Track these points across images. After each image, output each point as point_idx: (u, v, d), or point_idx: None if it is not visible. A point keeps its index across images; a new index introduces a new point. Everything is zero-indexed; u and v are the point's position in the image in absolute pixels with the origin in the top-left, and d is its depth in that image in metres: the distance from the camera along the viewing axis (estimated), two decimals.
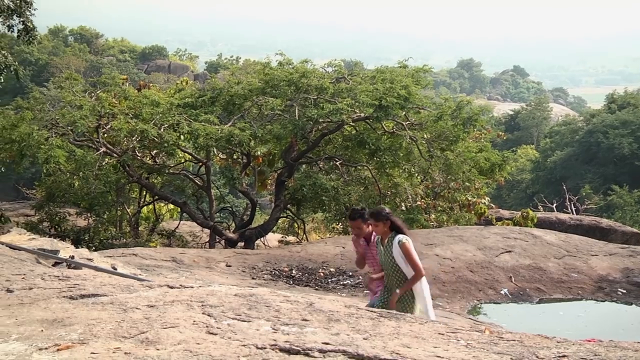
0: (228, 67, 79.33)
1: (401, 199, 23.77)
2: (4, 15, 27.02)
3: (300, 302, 5.66)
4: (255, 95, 22.17)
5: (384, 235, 8.72)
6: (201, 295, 5.83)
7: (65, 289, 6.27)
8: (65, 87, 25.25)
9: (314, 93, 21.60)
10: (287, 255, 16.52)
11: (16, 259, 8.76)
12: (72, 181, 24.83)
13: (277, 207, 23.65)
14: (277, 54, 24.35)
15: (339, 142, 24.40)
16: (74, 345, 4.23)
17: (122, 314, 5.19)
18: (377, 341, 4.48)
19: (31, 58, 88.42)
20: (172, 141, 21.17)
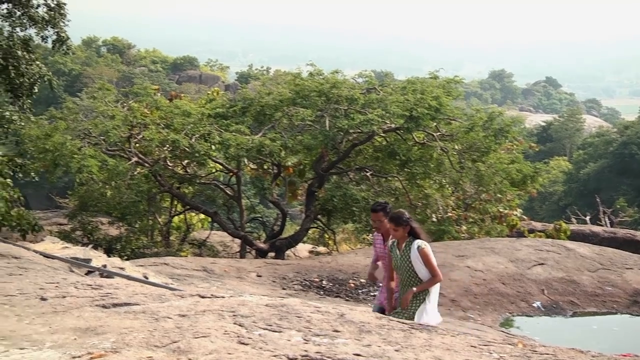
0: (259, 78, 79.51)
1: (432, 210, 23.67)
2: (38, 26, 27.30)
3: (331, 313, 5.65)
4: (285, 105, 22.20)
5: (401, 239, 8.65)
6: (232, 305, 5.84)
7: (97, 298, 6.31)
8: (98, 97, 25.45)
9: (344, 104, 21.61)
10: (317, 265, 16.50)
11: (50, 268, 8.82)
12: (105, 190, 24.98)
13: (308, 218, 23.65)
14: (307, 65, 24.39)
15: (369, 153, 24.37)
16: (106, 353, 4.26)
17: (154, 323, 5.21)
18: (409, 353, 4.46)
19: (65, 68, 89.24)
20: (203, 151, 21.26)
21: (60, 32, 27.63)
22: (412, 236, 8.63)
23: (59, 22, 27.64)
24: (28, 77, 27.90)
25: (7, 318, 5.50)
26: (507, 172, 22.73)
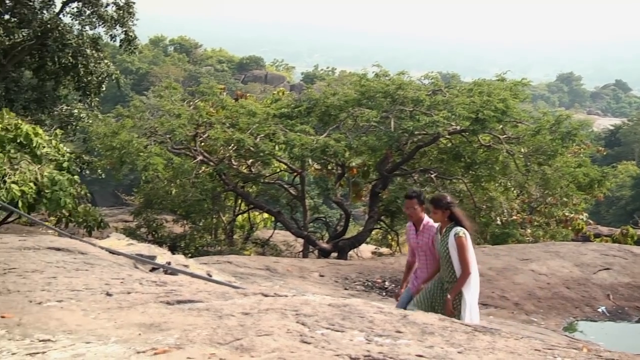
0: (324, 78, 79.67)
1: (496, 213, 23.42)
2: (107, 25, 27.80)
3: (394, 313, 5.62)
4: (351, 106, 22.19)
5: (443, 224, 8.59)
6: (295, 304, 5.84)
7: (162, 294, 6.36)
8: (165, 96, 25.74)
9: (410, 105, 21.52)
10: (380, 266, 16.45)
11: (115, 264, 8.93)
12: (170, 188, 25.25)
13: (371, 219, 23.60)
14: (373, 66, 24.34)
15: (434, 155, 24.23)
16: (170, 349, 4.28)
17: (217, 320, 5.24)
18: (472, 355, 4.41)
19: (132, 67, 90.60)
20: (267, 151, 21.38)
21: (129, 31, 28.15)
22: (454, 222, 8.51)
23: (128, 21, 28.17)
24: (96, 75, 28.46)
25: (74, 312, 5.57)
26: (573, 175, 22.37)
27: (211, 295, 6.42)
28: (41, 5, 27.98)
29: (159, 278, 7.50)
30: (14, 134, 17.24)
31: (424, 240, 9.06)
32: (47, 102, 28.69)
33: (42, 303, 5.86)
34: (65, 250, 9.10)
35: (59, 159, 18.51)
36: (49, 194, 16.46)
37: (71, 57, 26.88)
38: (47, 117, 28.99)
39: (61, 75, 28.55)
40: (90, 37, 28.25)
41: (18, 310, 5.53)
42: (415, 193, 9.25)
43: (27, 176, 16.16)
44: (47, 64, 27.36)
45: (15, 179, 15.80)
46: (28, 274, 7.22)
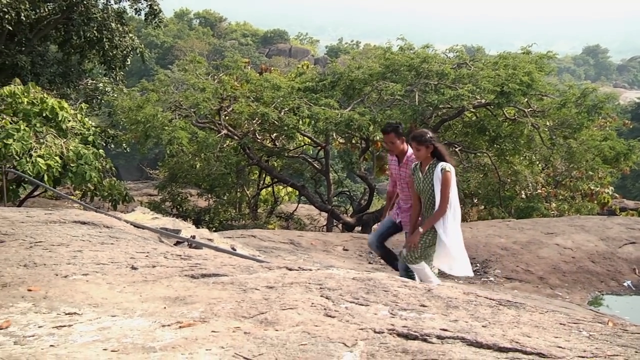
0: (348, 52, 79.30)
1: (521, 186, 23.34)
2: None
3: (418, 287, 5.61)
4: (375, 80, 22.12)
5: (425, 161, 8.44)
6: (319, 278, 5.85)
7: (186, 268, 6.39)
8: (189, 69, 25.76)
9: (434, 78, 21.43)
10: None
11: (140, 237, 8.97)
12: (194, 162, 25.35)
13: None
14: (398, 39, 24.23)
15: (458, 129, 24.17)
16: (195, 323, 4.31)
17: (241, 294, 5.25)
18: (497, 329, 4.40)
19: (157, 41, 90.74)
20: (292, 125, 21.36)
21: (153, 4, 28.17)
22: (436, 158, 8.39)
23: None
24: (121, 49, 28.53)
25: (99, 286, 5.61)
26: (599, 149, 22.21)
27: (235, 269, 6.45)
28: None
29: (184, 252, 7.53)
30: (40, 108, 17.34)
31: (407, 172, 9.01)
32: (73, 76, 28.80)
33: (68, 276, 5.90)
34: (90, 223, 9.15)
35: (84, 133, 18.62)
36: (75, 167, 16.56)
37: (96, 31, 26.94)
38: (73, 91, 29.12)
39: (86, 49, 28.63)
40: (115, 11, 28.29)
41: (44, 284, 5.57)
42: (391, 126, 9.18)
43: (52, 150, 16.27)
44: (72, 38, 27.42)
45: (41, 152, 15.91)
46: (54, 247, 7.27)
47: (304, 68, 30.41)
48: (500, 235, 15.23)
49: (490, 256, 13.79)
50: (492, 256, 13.78)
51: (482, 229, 15.89)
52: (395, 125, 9.19)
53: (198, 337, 4.03)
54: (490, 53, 27.90)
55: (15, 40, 26.68)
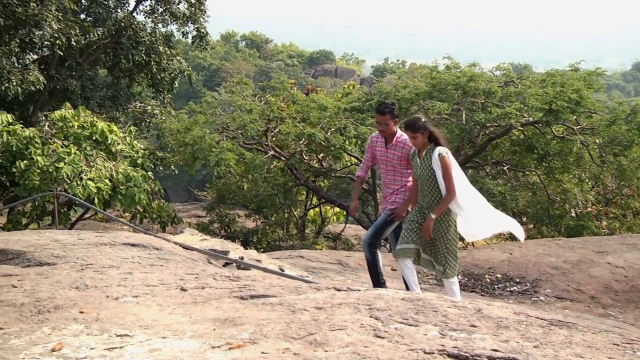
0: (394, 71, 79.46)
1: (571, 205, 23.09)
2: (179, 22, 28.13)
3: (468, 307, 5.57)
4: (422, 99, 22.08)
5: (422, 147, 8.34)
6: (368, 298, 5.83)
7: (235, 289, 6.41)
8: (236, 91, 25.94)
9: (481, 97, 21.34)
10: None
11: (189, 259, 9.02)
12: (242, 183, 25.47)
13: None
14: (444, 58, 24.20)
15: (506, 147, 24.00)
16: (245, 344, 4.31)
17: (290, 315, 5.26)
18: (548, 350, 4.35)
19: (204, 63, 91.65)
20: (338, 145, 21.40)
21: (200, 27, 28.45)
22: (433, 143, 8.30)
23: (199, 18, 28.47)
24: (169, 72, 28.82)
25: (150, 308, 5.65)
26: None
27: (284, 289, 6.45)
28: (115, 4, 28.44)
29: (233, 273, 7.56)
30: (90, 132, 17.58)
31: (396, 154, 8.85)
32: (122, 100, 29.17)
33: (118, 298, 5.95)
34: (140, 245, 9.24)
35: (133, 156, 18.82)
36: (124, 190, 16.74)
37: (144, 55, 27.26)
38: (122, 114, 29.47)
39: (135, 72, 28.98)
40: (162, 35, 28.61)
41: (96, 306, 5.63)
42: (389, 108, 8.87)
43: (102, 173, 16.46)
44: (121, 62, 27.80)
45: (91, 175, 16.11)
46: (105, 269, 7.35)
47: (350, 88, 30.46)
48: (550, 254, 15.07)
49: (541, 275, 13.65)
50: (542, 275, 13.64)
51: (531, 248, 15.75)
52: (392, 106, 8.91)
53: (247, 358, 4.04)
54: (538, 70, 27.69)
55: (65, 65, 27.10)
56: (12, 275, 7.25)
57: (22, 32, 22.63)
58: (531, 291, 13.11)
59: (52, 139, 16.87)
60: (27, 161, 15.76)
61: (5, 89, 21.44)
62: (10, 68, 21.75)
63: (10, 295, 6.15)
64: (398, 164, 8.88)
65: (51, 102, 26.90)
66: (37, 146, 16.19)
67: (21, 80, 21.79)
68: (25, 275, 7.14)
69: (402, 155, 8.80)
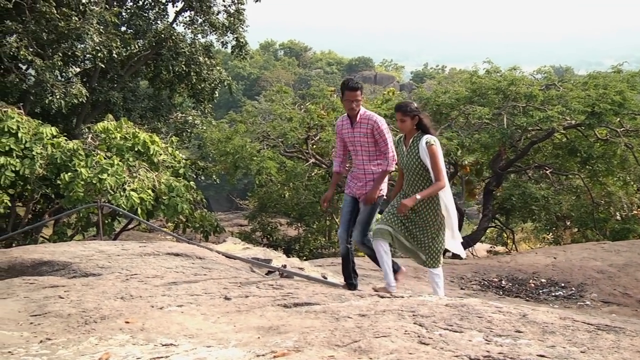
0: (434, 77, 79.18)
1: (615, 208, 22.84)
2: (219, 33, 28.29)
3: (512, 313, 5.53)
4: (462, 104, 21.98)
5: (409, 134, 8.10)
6: (412, 305, 5.81)
7: (279, 297, 6.43)
8: (276, 100, 26.03)
9: (522, 101, 21.19)
10: (496, 265, 16.23)
11: (232, 268, 9.07)
12: (283, 192, 25.51)
13: (485, 217, 23.33)
14: (484, 62, 24.08)
15: (548, 150, 23.80)
16: (289, 352, 4.31)
17: (334, 322, 5.26)
18: (596, 355, 4.30)
19: (243, 73, 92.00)
20: None
21: (240, 37, 28.58)
22: (421, 131, 8.06)
23: (238, 28, 28.60)
24: (209, 82, 28.97)
25: (194, 317, 5.68)
26: None
27: (327, 297, 6.45)
28: (155, 16, 28.67)
29: (276, 281, 7.58)
30: (132, 143, 17.75)
31: (362, 131, 8.43)
32: (163, 110, 29.39)
33: (163, 308, 5.99)
34: (183, 255, 9.29)
35: (175, 166, 18.96)
36: (167, 200, 16.86)
37: (184, 66, 27.43)
38: (163, 124, 29.68)
39: (175, 83, 29.19)
40: (202, 45, 28.78)
41: (141, 316, 5.67)
42: (360, 84, 8.52)
43: (145, 183, 16.60)
44: (161, 73, 28.01)
45: (134, 186, 16.25)
46: (149, 279, 7.41)
47: (389, 94, 30.40)
48: (596, 258, 14.92)
49: (586, 280, 13.51)
50: (588, 279, 13.49)
51: (576, 252, 15.59)
52: (360, 84, 8.55)
53: None
54: (579, 73, 27.45)
55: (107, 77, 27.39)
56: (59, 286, 7.34)
57: (64, 46, 22.90)
58: (577, 296, 12.98)
59: (95, 151, 17.04)
60: (72, 173, 15.95)
61: (49, 102, 21.70)
62: (53, 82, 22.01)
63: (57, 306, 6.22)
64: (366, 142, 8.47)
65: (94, 114, 27.18)
66: (80, 158, 16.37)
67: (64, 93, 22.04)
68: (71, 286, 7.23)
69: (367, 131, 8.40)
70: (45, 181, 16.76)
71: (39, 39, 22.16)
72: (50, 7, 21.83)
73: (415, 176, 8.09)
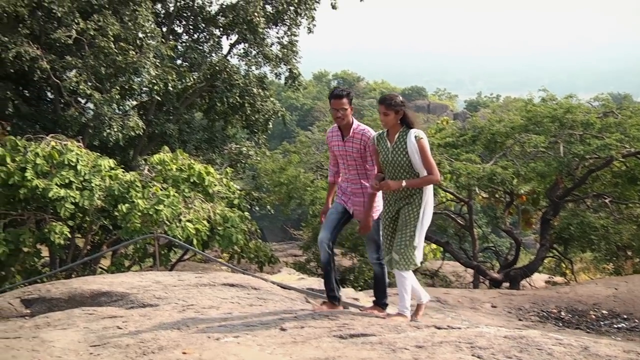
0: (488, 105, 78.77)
1: None
2: (272, 64, 28.54)
3: (573, 345, 5.42)
4: (517, 132, 21.82)
5: (392, 129, 7.62)
6: (469, 336, 5.74)
7: (335, 328, 6.39)
8: None
9: (579, 129, 20.97)
10: (554, 296, 15.99)
11: (287, 298, 9.05)
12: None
13: (543, 247, 23.02)
14: (539, 90, 23.91)
15: (607, 179, 23.43)
16: None
17: (391, 354, 5.20)
18: None
19: (297, 103, 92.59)
20: None
21: (293, 68, 28.82)
22: (405, 126, 7.61)
23: (292, 59, 28.86)
24: (263, 113, 29.20)
25: (250, 348, 5.67)
26: None
27: (384, 328, 6.40)
28: (210, 48, 29.06)
29: (331, 312, 7.54)
30: (188, 174, 17.93)
31: (354, 146, 7.98)
32: (217, 142, 29.68)
33: (219, 339, 5.99)
34: (239, 286, 9.31)
35: (229, 197, 19.08)
36: (222, 231, 16.96)
37: (239, 97, 27.69)
38: (218, 156, 29.93)
39: (230, 114, 29.49)
40: (256, 77, 29.03)
41: (198, 346, 5.67)
42: (346, 91, 8.05)
43: (200, 214, 16.72)
44: (216, 105, 28.33)
45: (189, 217, 16.37)
46: (205, 310, 7.42)
47: (443, 123, 30.32)
48: None
49: None
50: None
51: (638, 283, 15.33)
52: (349, 90, 8.17)
53: None
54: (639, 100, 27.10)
55: (163, 109, 27.77)
56: (117, 316, 7.40)
57: (122, 80, 23.32)
58: None
59: (151, 182, 17.24)
60: (129, 204, 16.13)
61: (107, 135, 22.07)
62: (111, 115, 22.40)
63: (116, 337, 6.26)
64: (359, 158, 8.05)
65: (150, 146, 27.54)
66: (137, 189, 16.56)
67: (122, 126, 22.41)
68: (129, 317, 7.28)
69: (360, 147, 8.00)
70: (103, 213, 16.98)
71: (98, 73, 22.61)
72: (108, 42, 22.27)
73: (400, 173, 7.58)
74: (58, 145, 16.85)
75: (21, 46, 21.36)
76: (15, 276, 16.48)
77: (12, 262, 16.35)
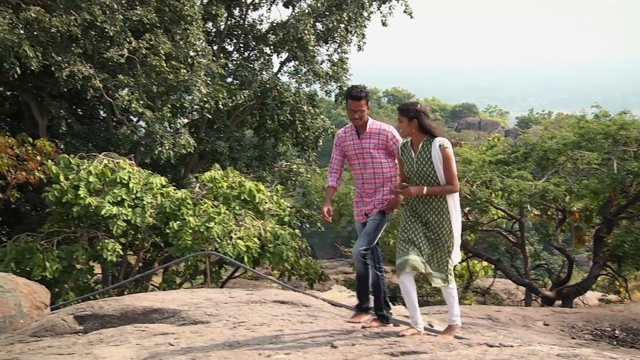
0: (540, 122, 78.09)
1: None
2: (322, 82, 28.64)
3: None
4: (569, 149, 21.60)
5: (416, 138, 7.45)
6: (522, 354, 5.69)
7: (386, 346, 6.38)
8: None
9: (633, 145, 20.70)
10: (608, 314, 15.78)
11: (338, 316, 9.05)
12: (387, 239, 25.42)
13: (596, 264, 22.72)
14: (592, 107, 23.67)
15: None
16: None
17: None
18: None
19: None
20: (484, 198, 21.10)
21: (343, 85, 28.89)
22: (429, 135, 7.41)
23: (342, 76, 28.95)
24: (313, 130, 29.30)
25: None
26: None
27: (435, 346, 6.38)
28: (261, 66, 29.27)
29: (382, 329, 7.52)
30: (238, 192, 18.06)
31: (371, 142, 8.03)
32: (268, 159, 29.84)
33: (270, 356, 6.02)
34: (289, 303, 9.34)
35: (280, 214, 19.16)
36: (272, 248, 17.02)
37: (289, 115, 27.83)
38: (268, 173, 30.09)
39: (280, 132, 29.67)
40: (306, 94, 29.15)
41: None
42: (363, 92, 8.17)
43: (251, 232, 16.81)
44: (267, 122, 28.52)
45: (240, 234, 16.47)
46: (256, 327, 7.45)
47: (494, 140, 30.12)
48: None
49: None
50: None
51: None
52: (367, 91, 8.27)
53: None
54: None
55: (214, 127, 28.03)
56: (169, 333, 7.46)
57: (173, 98, 23.59)
58: None
59: (202, 200, 17.39)
60: (180, 222, 16.29)
61: (158, 152, 22.32)
62: (163, 133, 22.65)
63: (167, 353, 6.31)
64: (377, 152, 8.04)
65: (201, 163, 27.78)
66: (188, 207, 16.72)
67: (173, 144, 22.66)
68: (180, 334, 7.34)
69: (379, 142, 8.05)
70: (155, 230, 17.17)
71: (149, 92, 22.88)
72: (160, 61, 22.52)
73: (426, 183, 7.40)
74: (110, 164, 17.09)
75: (74, 65, 21.69)
76: (69, 293, 16.68)
77: (65, 279, 16.58)
